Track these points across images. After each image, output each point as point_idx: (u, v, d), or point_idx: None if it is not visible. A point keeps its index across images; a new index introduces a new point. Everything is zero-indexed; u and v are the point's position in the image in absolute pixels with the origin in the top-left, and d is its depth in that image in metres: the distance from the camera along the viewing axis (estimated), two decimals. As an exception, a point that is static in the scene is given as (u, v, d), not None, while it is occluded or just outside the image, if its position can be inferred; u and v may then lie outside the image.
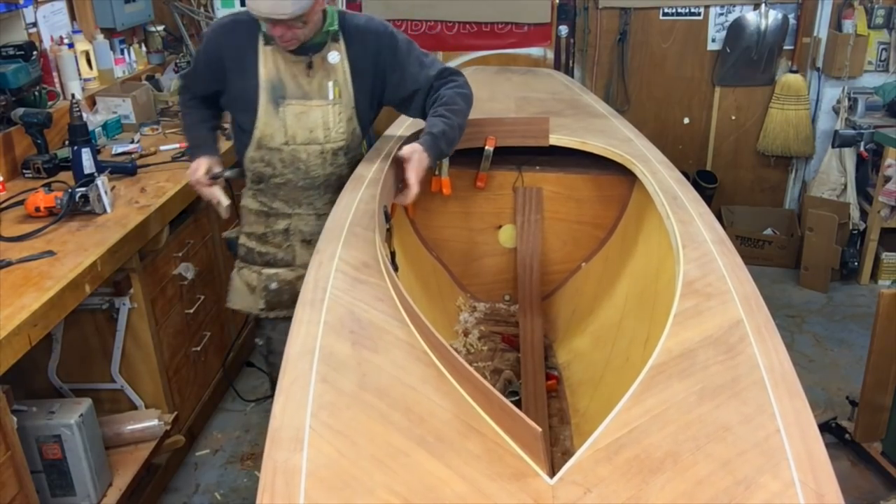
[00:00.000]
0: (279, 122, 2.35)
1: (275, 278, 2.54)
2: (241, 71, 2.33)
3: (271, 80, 2.32)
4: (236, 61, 2.33)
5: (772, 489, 1.09)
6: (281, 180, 2.45)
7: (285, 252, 2.54)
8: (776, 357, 1.40)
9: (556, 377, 2.44)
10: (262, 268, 2.56)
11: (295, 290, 2.34)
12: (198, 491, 2.92)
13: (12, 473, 2.03)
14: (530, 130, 2.74)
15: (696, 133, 4.88)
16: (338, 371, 1.38)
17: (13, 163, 2.92)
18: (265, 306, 2.57)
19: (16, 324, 1.94)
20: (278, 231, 2.52)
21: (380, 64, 2.38)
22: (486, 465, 1.15)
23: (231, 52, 2.34)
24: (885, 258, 4.39)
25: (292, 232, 2.52)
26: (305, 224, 2.51)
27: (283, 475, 1.14)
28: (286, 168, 2.42)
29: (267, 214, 2.52)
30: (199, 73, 2.48)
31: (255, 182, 2.50)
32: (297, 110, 2.34)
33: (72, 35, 3.42)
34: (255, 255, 2.56)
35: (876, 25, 4.40)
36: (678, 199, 2.17)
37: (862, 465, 2.89)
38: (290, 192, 2.47)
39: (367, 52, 2.36)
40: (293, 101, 2.33)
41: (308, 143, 2.38)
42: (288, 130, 2.36)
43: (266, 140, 2.38)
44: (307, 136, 2.37)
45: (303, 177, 2.43)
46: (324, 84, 2.35)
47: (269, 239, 2.53)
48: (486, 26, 4.65)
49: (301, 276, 2.31)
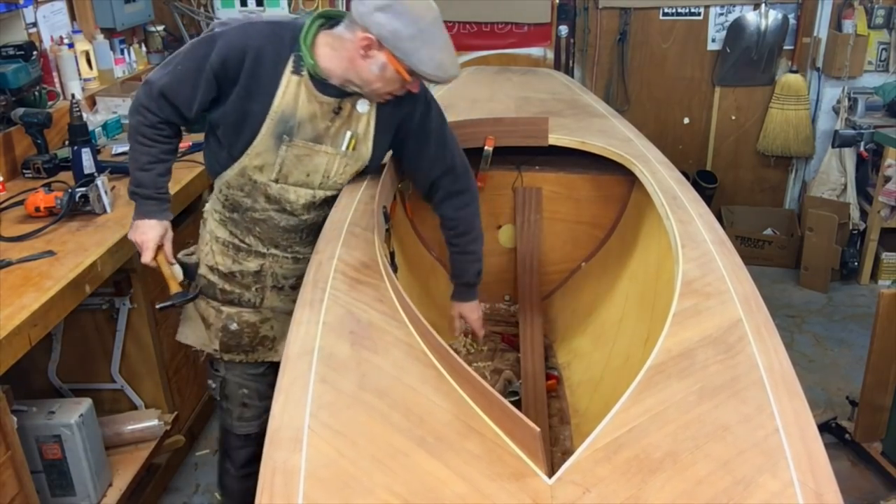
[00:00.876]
0: (275, 159, 1.99)
1: (235, 318, 2.20)
2: (252, 89, 1.92)
3: (284, 114, 1.94)
4: (253, 76, 1.91)
5: (771, 489, 1.09)
6: (261, 216, 2.10)
7: (253, 294, 2.20)
8: (775, 357, 1.40)
9: (556, 377, 2.45)
10: (223, 305, 2.21)
11: (257, 333, 2.22)
12: (198, 491, 2.92)
13: (12, 473, 2.03)
14: (530, 130, 2.74)
15: (696, 133, 4.88)
16: (337, 371, 1.38)
17: (13, 163, 2.92)
18: (219, 347, 2.23)
19: (16, 324, 1.94)
20: (248, 272, 2.17)
21: (405, 126, 2.09)
22: (486, 465, 1.15)
23: (254, 65, 1.90)
24: (885, 258, 4.39)
25: (265, 274, 2.18)
26: (281, 267, 2.18)
27: (282, 475, 1.14)
28: (270, 204, 2.08)
29: (237, 248, 2.16)
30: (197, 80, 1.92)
31: (227, 209, 2.13)
32: (301, 152, 2.00)
33: (72, 35, 3.42)
34: (217, 290, 2.20)
35: (876, 25, 4.40)
36: (678, 199, 2.17)
37: (862, 465, 2.88)
38: (268, 230, 2.13)
39: (398, 109, 2.03)
40: (299, 143, 1.98)
41: (300, 186, 2.06)
42: (282, 169, 2.01)
43: (253, 172, 2.02)
44: (301, 178, 2.05)
45: (286, 217, 2.11)
46: (341, 132, 2.02)
47: (237, 279, 2.18)
48: (486, 26, 4.65)
49: (266, 319, 2.22)
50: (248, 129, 1.96)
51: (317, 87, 1.94)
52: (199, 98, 1.93)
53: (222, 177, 2.07)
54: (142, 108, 1.98)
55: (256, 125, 1.94)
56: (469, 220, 2.22)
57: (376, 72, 1.85)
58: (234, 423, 2.33)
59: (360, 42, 1.82)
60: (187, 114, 1.97)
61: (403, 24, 1.76)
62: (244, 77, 1.91)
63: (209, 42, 1.91)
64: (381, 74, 1.85)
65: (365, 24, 1.80)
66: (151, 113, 1.97)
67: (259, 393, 2.28)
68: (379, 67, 1.84)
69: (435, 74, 1.83)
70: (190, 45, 1.96)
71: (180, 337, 2.34)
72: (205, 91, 1.93)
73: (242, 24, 1.96)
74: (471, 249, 2.25)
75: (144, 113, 1.98)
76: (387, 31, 1.77)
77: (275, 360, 2.24)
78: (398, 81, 1.87)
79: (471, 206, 2.22)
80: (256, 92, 1.92)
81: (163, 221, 2.05)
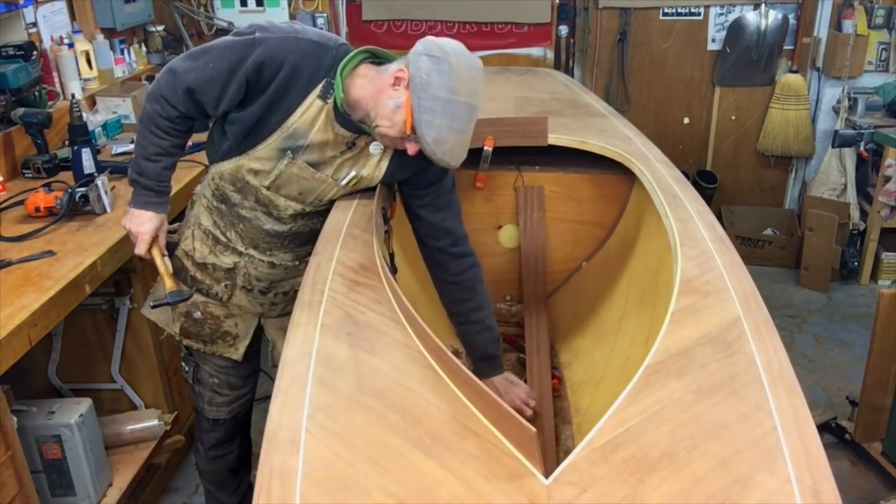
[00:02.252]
0: (273, 169, 1.95)
1: (200, 308, 2.17)
2: (276, 101, 1.87)
3: (296, 132, 1.89)
4: (282, 90, 1.85)
5: (768, 487, 1.09)
6: (247, 214, 2.06)
7: (222, 290, 2.16)
8: (774, 355, 1.40)
9: (558, 377, 2.45)
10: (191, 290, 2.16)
11: (220, 327, 2.19)
12: (198, 491, 2.92)
13: (12, 473, 2.03)
14: (529, 130, 2.74)
15: (696, 133, 4.88)
16: (335, 373, 1.38)
17: (13, 163, 2.92)
18: (179, 331, 2.21)
19: (16, 324, 1.94)
20: (221, 267, 2.13)
21: (416, 178, 2.03)
22: (482, 465, 1.16)
23: (287, 80, 1.84)
24: (885, 258, 4.39)
25: (237, 273, 2.14)
26: (255, 269, 2.13)
27: (280, 477, 1.14)
28: (258, 206, 2.04)
29: (216, 240, 2.12)
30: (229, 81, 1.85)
31: (216, 199, 2.09)
32: (300, 173, 1.95)
33: (72, 35, 3.43)
34: (188, 276, 2.17)
35: (876, 25, 4.40)
36: (677, 198, 2.17)
37: (862, 465, 2.88)
38: (251, 230, 2.08)
39: (415, 161, 1.92)
40: (301, 163, 1.93)
41: (290, 199, 2.01)
42: (277, 180, 1.97)
43: (247, 173, 1.98)
44: (294, 194, 2.00)
45: (272, 222, 2.06)
46: (346, 167, 1.98)
47: (209, 271, 2.14)
48: (486, 26, 4.65)
49: (231, 315, 2.19)
50: (257, 135, 1.92)
51: (337, 119, 1.90)
52: (227, 99, 1.87)
53: (218, 166, 2.02)
54: (162, 98, 1.91)
55: (266, 133, 1.91)
56: (471, 285, 2.10)
57: (391, 108, 1.80)
58: (204, 406, 2.34)
59: (396, 72, 1.79)
60: (212, 112, 1.92)
61: (439, 81, 1.71)
62: (274, 88, 1.85)
63: (248, 46, 1.84)
64: (393, 113, 1.80)
65: (410, 59, 1.77)
66: (171, 106, 1.91)
67: (230, 384, 2.30)
68: (395, 104, 1.79)
69: (430, 146, 1.75)
70: (226, 44, 1.88)
71: (145, 310, 2.28)
72: (234, 93, 1.86)
73: (287, 34, 1.88)
74: (475, 318, 2.12)
75: (164, 104, 1.91)
76: (421, 77, 1.73)
77: (233, 357, 2.23)
78: (400, 130, 1.80)
79: (472, 269, 2.11)
80: (279, 105, 1.88)
81: (160, 214, 2.02)
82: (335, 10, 4.63)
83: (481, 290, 2.12)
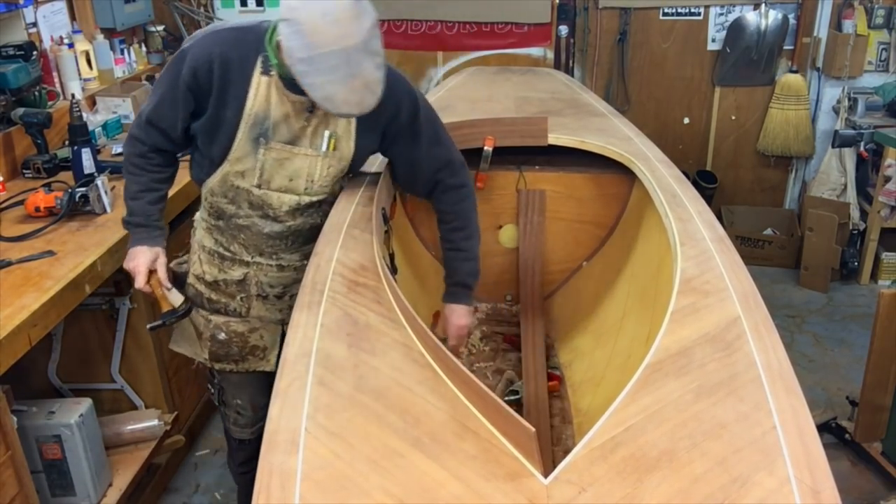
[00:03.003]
0: (255, 163, 1.96)
1: (223, 328, 2.18)
2: (224, 96, 1.90)
3: (257, 116, 1.90)
4: (224, 83, 1.89)
5: (767, 486, 1.09)
6: (245, 222, 2.07)
7: (238, 304, 2.17)
8: (774, 354, 1.40)
9: (558, 377, 2.44)
10: (211, 314, 2.19)
11: (246, 343, 2.19)
12: (198, 491, 2.92)
13: (12, 473, 2.03)
14: (529, 130, 2.74)
15: (696, 133, 4.88)
16: (334, 373, 1.38)
17: (13, 163, 2.93)
18: (209, 357, 2.22)
19: (16, 324, 1.95)
20: (232, 281, 2.14)
21: (393, 128, 2.03)
22: (482, 465, 1.16)
23: (222, 71, 1.88)
24: (885, 258, 4.39)
25: (249, 283, 2.15)
26: (266, 275, 2.14)
27: (279, 478, 1.14)
28: (253, 210, 2.04)
29: (222, 257, 2.14)
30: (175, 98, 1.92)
31: (213, 217, 2.11)
32: (280, 155, 1.96)
33: (72, 35, 3.43)
34: (204, 299, 2.19)
35: (876, 25, 4.40)
36: (677, 198, 2.17)
37: (862, 465, 2.88)
38: (252, 237, 2.09)
39: (383, 111, 1.90)
40: (277, 146, 1.94)
41: (283, 192, 2.01)
42: (264, 174, 1.98)
43: (235, 178, 1.99)
44: (285, 183, 2.00)
45: (270, 224, 2.06)
46: (319, 132, 1.96)
47: (222, 287, 2.16)
48: (486, 26, 4.65)
49: (255, 328, 2.19)
50: (224, 136, 1.93)
51: (287, 87, 1.89)
52: (181, 115, 1.94)
53: (206, 184, 2.05)
54: (131, 138, 2.03)
55: (232, 130, 1.92)
56: (466, 215, 2.16)
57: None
58: (230, 426, 2.35)
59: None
60: (174, 134, 1.98)
61: (296, 43, 1.67)
62: (216, 84, 1.89)
63: (180, 60, 1.91)
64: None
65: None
66: (140, 142, 2.01)
67: (252, 402, 2.29)
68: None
69: (322, 105, 1.75)
70: (165, 68, 1.97)
71: (173, 345, 2.34)
72: (184, 107, 1.93)
73: (206, 34, 1.95)
74: (465, 247, 2.16)
75: (134, 143, 2.02)
76: (286, 45, 1.70)
77: (266, 369, 2.22)
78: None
79: (468, 200, 2.16)
80: (229, 98, 1.90)
81: (154, 248, 2.05)
82: (335, 10, 4.63)
83: (474, 220, 2.17)
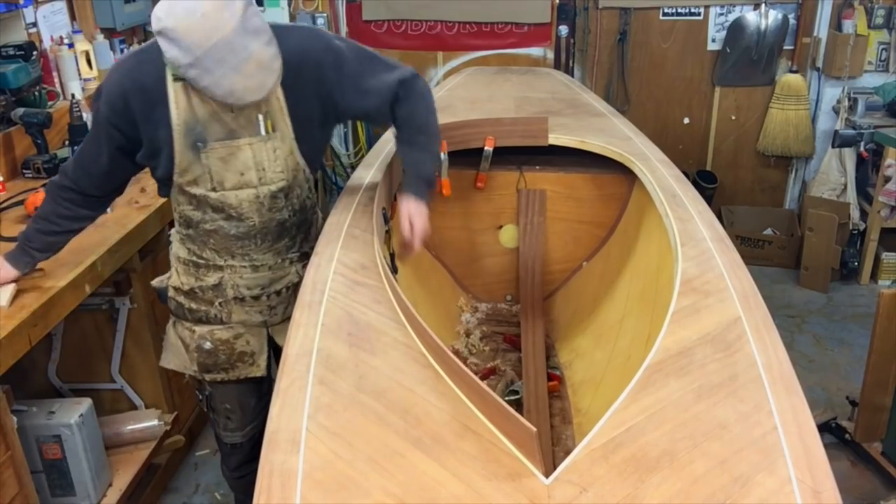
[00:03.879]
0: (202, 168, 1.93)
1: (208, 337, 2.15)
2: (149, 117, 1.88)
3: (186, 123, 1.87)
4: (144, 106, 1.87)
5: (768, 487, 1.09)
6: (211, 226, 2.04)
7: (218, 310, 2.14)
8: (774, 354, 1.40)
9: (559, 377, 2.44)
10: (194, 325, 2.17)
11: (233, 350, 2.17)
12: (198, 491, 2.92)
13: (12, 473, 2.03)
14: (529, 130, 2.74)
15: (696, 133, 4.88)
16: (335, 373, 1.38)
17: (13, 163, 2.92)
18: (199, 368, 2.19)
19: (16, 324, 1.95)
20: (208, 286, 2.12)
21: (325, 85, 1.97)
22: (482, 465, 1.16)
23: (138, 97, 1.86)
24: (885, 258, 4.38)
25: (224, 287, 2.11)
26: (241, 277, 2.10)
27: (280, 477, 1.14)
28: (216, 214, 2.02)
29: (196, 265, 2.12)
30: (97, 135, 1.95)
31: (183, 226, 2.10)
32: (223, 153, 1.92)
33: (72, 35, 3.42)
34: (185, 310, 2.17)
35: (876, 25, 4.39)
36: (677, 198, 2.17)
37: (862, 465, 2.88)
38: (221, 240, 2.06)
39: (305, 76, 1.92)
40: (217, 144, 1.90)
41: (239, 188, 1.97)
42: (214, 177, 1.94)
43: (189, 186, 1.97)
44: (237, 179, 1.96)
45: (235, 225, 2.03)
46: (252, 117, 1.91)
47: (199, 295, 2.14)
48: (486, 26, 4.65)
49: (239, 334, 2.16)
50: (163, 153, 1.93)
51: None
52: (105, 151, 1.95)
53: (172, 196, 2.05)
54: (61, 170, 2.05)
55: (168, 146, 1.90)
56: (424, 116, 2.08)
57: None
58: (220, 431, 2.33)
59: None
60: (94, 170, 1.98)
61: (178, 52, 1.69)
62: (137, 112, 1.88)
63: (96, 100, 1.93)
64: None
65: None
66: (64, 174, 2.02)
67: (242, 407, 2.27)
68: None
69: (227, 101, 1.78)
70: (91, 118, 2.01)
71: (163, 362, 2.29)
72: (107, 143, 1.93)
73: (112, 69, 1.98)
74: (429, 149, 2.11)
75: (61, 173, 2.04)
76: (170, 58, 1.72)
77: (257, 374, 2.20)
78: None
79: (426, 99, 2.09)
80: (154, 117, 1.88)
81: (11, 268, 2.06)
82: (335, 10, 4.65)
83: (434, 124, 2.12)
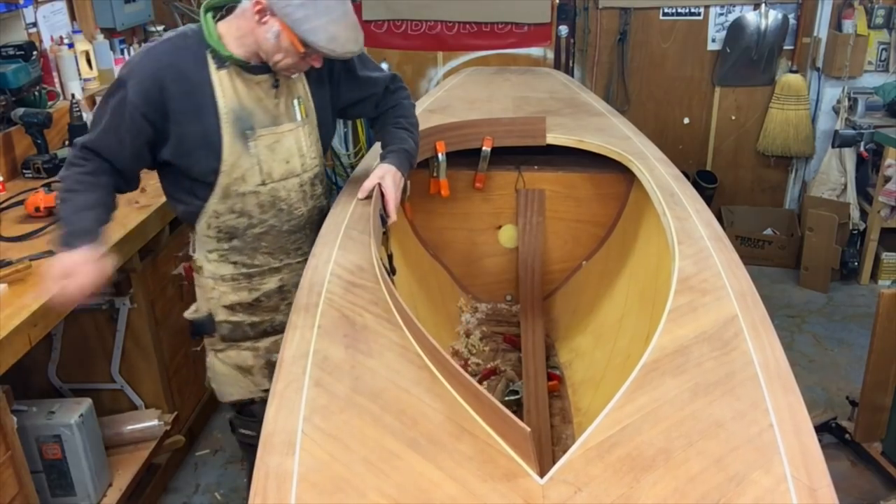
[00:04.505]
0: (251, 160, 1.92)
1: (275, 349, 2.07)
2: (193, 110, 1.84)
3: (234, 111, 1.87)
4: (185, 98, 1.83)
5: (764, 485, 1.09)
6: (262, 229, 2.02)
7: (283, 315, 2.04)
8: (771, 353, 1.40)
9: (559, 377, 2.44)
10: (257, 340, 2.12)
11: None
12: (198, 491, 2.92)
13: (12, 473, 2.03)
14: (527, 130, 2.74)
15: (696, 133, 4.88)
16: (331, 375, 1.38)
17: (13, 163, 2.93)
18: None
19: (16, 324, 1.95)
20: (272, 292, 2.09)
21: (334, 71, 2.05)
22: (478, 466, 1.16)
23: (177, 88, 1.82)
24: (885, 258, 4.38)
25: (288, 288, 2.08)
26: (298, 275, 1.95)
27: (275, 479, 1.14)
28: (266, 213, 2.00)
29: (249, 276, 2.07)
30: (123, 127, 1.82)
31: (225, 241, 2.03)
32: (270, 140, 1.94)
33: (72, 35, 3.43)
34: (246, 328, 2.11)
35: (876, 25, 4.39)
36: (675, 196, 2.17)
37: (862, 465, 2.88)
38: (274, 240, 2.05)
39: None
40: (264, 132, 1.92)
41: (286, 178, 1.99)
42: (263, 167, 1.94)
43: (237, 185, 1.94)
44: (284, 168, 1.98)
45: (286, 219, 2.04)
46: (289, 103, 1.97)
47: (263, 303, 2.09)
48: (486, 26, 4.65)
49: None
50: (206, 148, 1.88)
51: (246, 71, 1.89)
52: (130, 144, 1.84)
53: (206, 211, 1.97)
54: (70, 165, 1.87)
55: (215, 137, 1.87)
56: (410, 109, 2.23)
57: (273, 41, 1.79)
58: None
59: (254, 8, 1.78)
60: (118, 164, 1.88)
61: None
62: (174, 101, 1.82)
63: (119, 87, 1.82)
64: (278, 44, 1.79)
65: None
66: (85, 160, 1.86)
67: None
68: (274, 35, 1.78)
69: (327, 47, 1.77)
70: (103, 99, 1.88)
71: (224, 398, 2.21)
72: (135, 136, 1.84)
73: (142, 54, 1.89)
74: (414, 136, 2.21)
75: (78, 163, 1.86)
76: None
77: None
78: (294, 53, 1.80)
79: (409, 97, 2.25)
80: (195, 108, 1.84)
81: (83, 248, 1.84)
82: (335, 10, 4.64)
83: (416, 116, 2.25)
